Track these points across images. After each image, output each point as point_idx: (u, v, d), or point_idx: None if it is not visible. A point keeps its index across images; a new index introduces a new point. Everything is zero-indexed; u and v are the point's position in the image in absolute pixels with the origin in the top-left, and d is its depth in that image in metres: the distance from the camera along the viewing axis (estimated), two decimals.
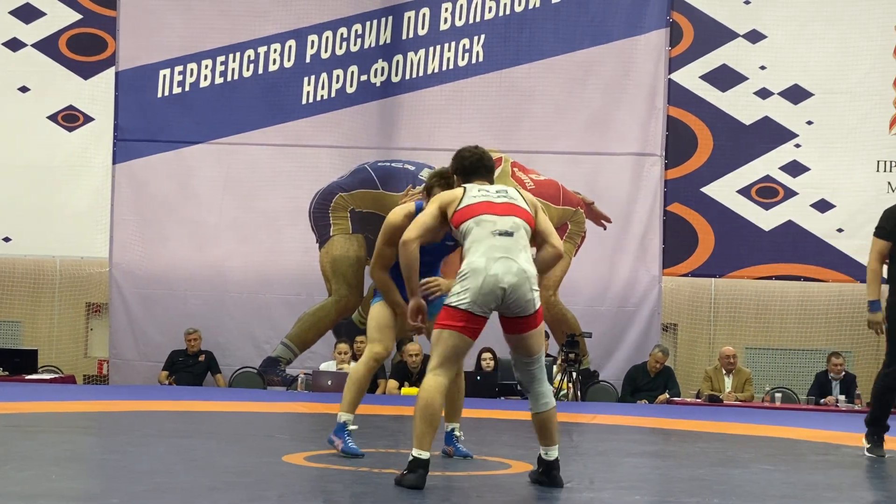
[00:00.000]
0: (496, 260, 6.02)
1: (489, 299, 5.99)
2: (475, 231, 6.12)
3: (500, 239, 6.10)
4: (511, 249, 6.08)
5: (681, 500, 5.89)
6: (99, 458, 7.07)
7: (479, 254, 6.05)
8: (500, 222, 6.14)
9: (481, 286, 5.97)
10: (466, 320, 6.00)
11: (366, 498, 5.64)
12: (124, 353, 15.27)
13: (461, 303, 6.00)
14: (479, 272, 5.99)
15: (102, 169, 15.46)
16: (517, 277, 6.02)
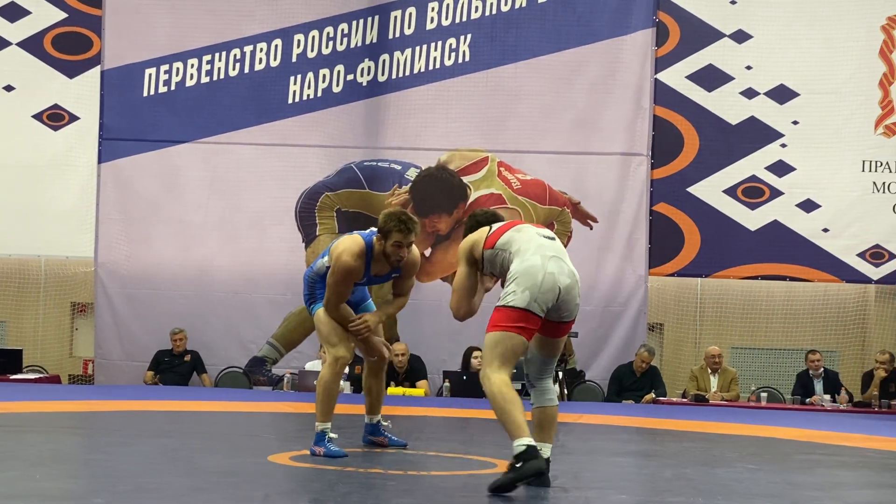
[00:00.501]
0: (549, 258, 5.96)
1: (549, 297, 5.90)
2: (518, 237, 6.09)
3: (546, 240, 6.08)
4: (559, 251, 6.07)
5: (666, 500, 5.90)
6: (83, 457, 7.05)
7: (531, 253, 5.98)
8: (539, 230, 6.18)
9: (542, 283, 5.88)
10: (525, 320, 5.89)
11: (351, 497, 5.63)
12: (110, 353, 15.24)
13: (519, 301, 5.88)
14: (537, 269, 5.90)
15: (88, 168, 15.42)
16: (570, 279, 5.99)
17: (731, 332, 15.50)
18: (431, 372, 14.51)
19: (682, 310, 15.66)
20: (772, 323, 15.51)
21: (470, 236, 6.37)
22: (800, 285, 15.41)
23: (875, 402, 13.95)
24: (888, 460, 8.47)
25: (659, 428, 10.51)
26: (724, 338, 15.40)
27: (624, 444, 9.28)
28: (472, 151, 15.24)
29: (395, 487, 5.94)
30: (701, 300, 15.63)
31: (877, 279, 15.24)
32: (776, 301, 15.50)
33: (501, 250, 6.13)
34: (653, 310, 15.43)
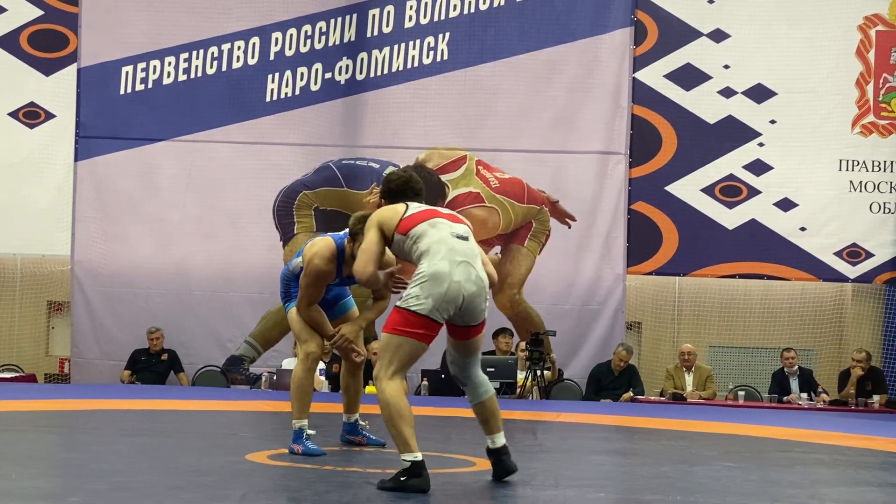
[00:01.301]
0: (458, 264, 5.92)
1: (451, 306, 5.89)
2: (431, 233, 6.00)
3: (458, 242, 6.00)
4: (469, 254, 6.00)
5: (644, 498, 5.90)
6: (60, 456, 7.02)
7: (441, 257, 5.92)
8: (455, 227, 6.08)
9: (446, 292, 5.86)
10: (426, 327, 5.88)
11: (329, 496, 5.62)
12: (86, 352, 15.18)
13: (422, 308, 5.86)
14: (444, 277, 5.86)
15: (64, 166, 15.35)
16: (476, 287, 5.96)
17: (709, 330, 15.54)
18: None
19: (659, 309, 15.69)
20: (749, 322, 15.55)
21: (384, 212, 6.17)
22: (777, 284, 15.45)
23: (852, 401, 14.00)
24: (865, 458, 8.50)
25: (637, 426, 10.52)
26: (702, 336, 15.43)
27: (602, 442, 9.28)
28: (450, 150, 15.23)
29: (373, 486, 5.92)
30: (679, 299, 15.66)
31: (854, 278, 15.29)
32: (754, 300, 15.54)
33: (412, 240, 6.02)
34: (631, 309, 15.45)
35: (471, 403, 6.26)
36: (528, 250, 15.21)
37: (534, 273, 15.17)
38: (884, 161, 15.32)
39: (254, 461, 6.70)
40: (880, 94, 15.33)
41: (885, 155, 15.32)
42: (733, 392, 14.31)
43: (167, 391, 13.74)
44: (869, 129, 15.33)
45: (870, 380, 14.26)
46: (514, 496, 5.80)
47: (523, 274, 15.17)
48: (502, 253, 15.24)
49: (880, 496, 6.45)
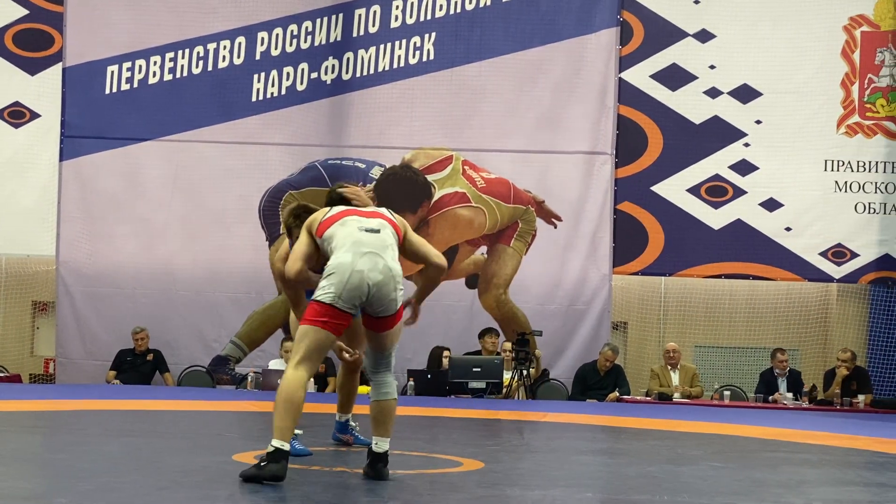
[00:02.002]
0: (362, 255, 6.04)
1: (354, 295, 5.98)
2: (339, 231, 6.15)
3: (366, 235, 6.13)
4: (377, 246, 6.11)
5: (631, 498, 5.90)
6: (45, 457, 6.99)
7: (345, 249, 6.07)
8: (365, 221, 6.22)
9: (347, 281, 5.97)
10: (331, 315, 5.98)
11: (316, 496, 5.61)
12: (71, 352, 15.14)
13: (325, 297, 5.98)
14: (346, 267, 5.99)
15: (49, 166, 15.30)
16: (382, 275, 6.04)
17: (695, 330, 15.56)
18: (395, 371, 14.45)
19: (645, 308, 15.71)
20: (735, 321, 15.57)
21: (315, 214, 6.40)
22: (763, 284, 15.48)
23: (837, 400, 14.03)
24: (851, 457, 8.52)
25: (623, 426, 10.53)
26: (688, 336, 15.46)
27: (588, 442, 9.29)
28: (436, 150, 15.23)
29: (360, 486, 5.92)
30: (665, 299, 15.68)
31: (839, 278, 15.33)
32: (739, 300, 15.56)
33: (326, 242, 6.20)
34: (616, 308, 15.47)
35: (370, 399, 6.29)
36: (514, 250, 15.21)
37: (520, 273, 15.18)
38: (869, 161, 15.36)
39: (240, 461, 6.68)
40: (865, 94, 15.37)
41: (870, 155, 15.36)
42: (719, 392, 14.33)
43: (153, 391, 13.71)
44: (854, 130, 15.37)
45: (855, 379, 14.30)
46: (501, 496, 5.80)
47: (509, 274, 15.18)
48: (488, 253, 15.24)
49: (866, 495, 6.47)
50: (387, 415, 6.22)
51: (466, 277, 15.22)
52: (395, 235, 6.26)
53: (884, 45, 15.45)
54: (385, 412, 6.23)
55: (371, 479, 6.08)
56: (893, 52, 15.42)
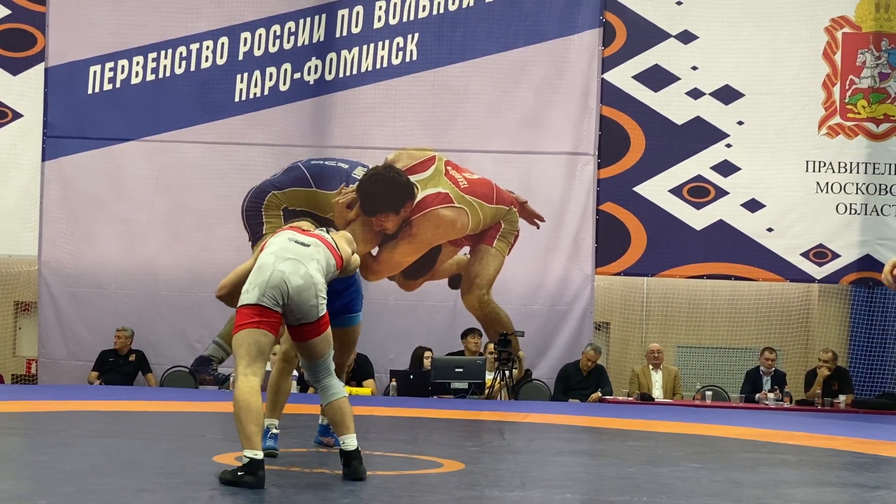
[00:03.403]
0: (284, 259, 6.17)
1: (276, 293, 6.07)
2: (272, 241, 6.34)
3: (293, 245, 6.28)
4: (302, 256, 6.24)
5: (610, 499, 5.93)
6: (26, 458, 6.99)
7: (269, 253, 6.23)
8: (298, 236, 6.37)
9: (269, 279, 6.08)
10: (260, 314, 6.06)
11: (297, 497, 5.62)
12: (53, 353, 15.11)
13: (249, 298, 6.08)
14: (267, 267, 6.13)
15: (31, 166, 15.27)
16: (304, 280, 6.14)
17: (677, 330, 15.60)
18: (378, 371, 14.50)
19: (628, 309, 15.74)
20: (717, 322, 15.62)
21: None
22: (744, 284, 15.53)
23: (818, 401, 14.09)
24: (830, 458, 8.57)
25: (604, 427, 10.56)
26: (670, 337, 15.50)
27: (569, 443, 9.31)
28: (419, 150, 15.24)
29: (341, 487, 5.94)
30: (647, 299, 15.72)
31: (820, 278, 15.38)
32: (721, 300, 15.61)
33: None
34: (599, 309, 15.50)
35: (321, 405, 6.32)
36: (496, 251, 15.23)
37: (502, 273, 15.20)
38: (850, 162, 15.41)
39: (222, 463, 6.69)
40: (847, 95, 15.43)
41: (852, 156, 15.42)
42: (700, 392, 14.37)
43: (135, 392, 13.70)
44: (835, 131, 15.43)
45: (836, 380, 14.36)
46: (480, 497, 5.82)
47: (492, 274, 15.20)
48: (471, 253, 15.26)
49: (844, 496, 6.51)
50: (342, 413, 6.27)
51: (449, 278, 15.24)
52: (327, 257, 6.38)
53: (865, 47, 15.51)
54: (340, 411, 6.28)
55: (351, 480, 6.09)
56: (875, 53, 15.49)
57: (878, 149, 15.47)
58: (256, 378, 6.03)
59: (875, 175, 15.43)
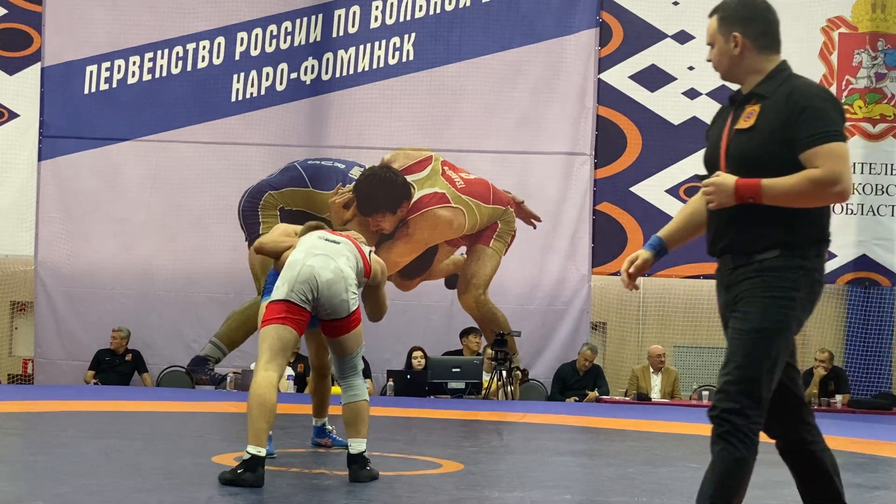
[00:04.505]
0: (314, 255, 6.21)
1: (305, 288, 6.09)
2: (302, 240, 6.42)
3: (323, 242, 6.33)
4: (333, 252, 6.28)
5: (609, 499, 5.93)
6: (24, 459, 6.98)
7: (299, 250, 6.29)
8: (327, 234, 6.45)
9: (298, 275, 6.11)
10: (287, 311, 6.08)
11: (295, 498, 5.62)
12: (50, 353, 15.09)
13: (279, 294, 6.11)
14: (297, 263, 6.16)
15: (28, 166, 15.25)
16: (334, 274, 6.16)
17: (674, 330, 15.59)
18: (375, 371, 14.49)
19: (624, 309, 15.74)
20: (714, 322, 15.41)
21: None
22: None
23: (815, 401, 14.09)
24: None
25: (602, 427, 10.56)
26: (667, 337, 15.49)
27: (567, 443, 9.31)
28: (416, 150, 15.24)
29: (339, 488, 5.93)
30: (644, 299, 15.71)
31: None
32: None
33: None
34: (596, 309, 15.49)
35: (341, 403, 6.34)
36: (493, 251, 15.23)
37: (499, 273, 15.19)
38: None
39: (220, 463, 6.68)
40: (843, 96, 15.43)
41: None
42: (697, 392, 14.38)
43: (132, 392, 13.69)
44: None
45: (832, 380, 14.36)
46: (481, 498, 5.82)
47: (488, 274, 15.19)
48: (468, 253, 15.25)
49: None
50: (358, 416, 6.25)
51: (446, 278, 15.23)
52: (357, 257, 6.39)
53: (861, 47, 15.52)
54: (356, 414, 6.26)
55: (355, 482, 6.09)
56: (871, 53, 15.50)
57: (874, 149, 15.48)
58: (275, 374, 6.02)
59: (871, 175, 15.44)
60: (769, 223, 4.01)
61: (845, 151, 3.99)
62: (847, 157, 4.00)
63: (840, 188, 3.97)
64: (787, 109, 4.02)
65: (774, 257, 4.01)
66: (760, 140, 4.02)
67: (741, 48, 4.11)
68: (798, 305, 4.01)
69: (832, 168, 3.94)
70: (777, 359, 3.99)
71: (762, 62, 4.21)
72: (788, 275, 3.99)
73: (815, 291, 4.07)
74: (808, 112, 3.99)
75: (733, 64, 4.16)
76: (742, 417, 3.96)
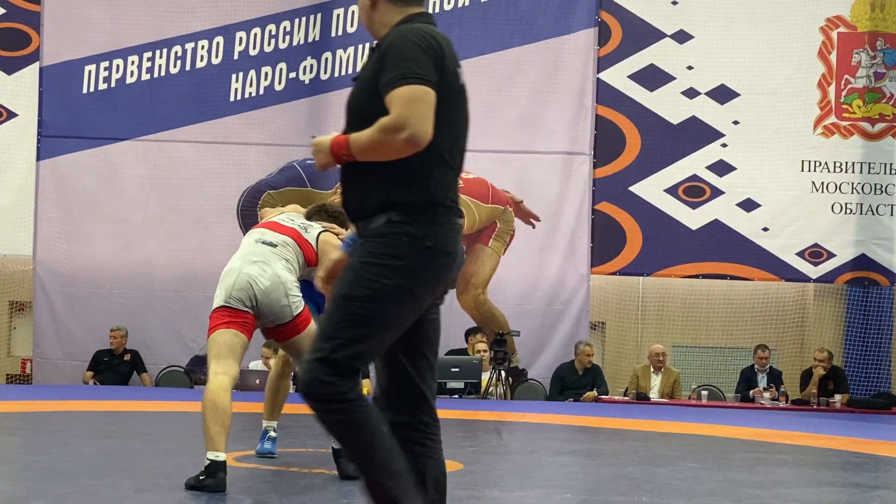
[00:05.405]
0: (251, 263, 6.23)
1: (243, 296, 6.12)
2: (243, 241, 6.46)
3: (260, 246, 6.34)
4: (269, 257, 6.28)
5: (609, 499, 5.92)
6: (23, 459, 6.97)
7: (236, 257, 6.33)
8: (268, 235, 6.41)
9: (234, 282, 6.15)
10: (229, 315, 6.10)
11: (295, 497, 5.61)
12: (48, 353, 15.08)
13: (217, 301, 6.16)
14: (233, 272, 6.20)
15: (26, 165, 15.24)
16: (271, 281, 6.17)
17: (673, 330, 15.59)
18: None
19: (623, 308, 15.74)
20: (712, 321, 15.61)
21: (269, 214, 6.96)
22: (740, 284, 15.53)
23: (814, 400, 14.09)
24: (827, 458, 8.57)
25: (601, 427, 10.55)
26: (666, 336, 15.48)
27: (567, 443, 9.31)
28: None
29: (339, 488, 5.93)
30: (643, 299, 15.71)
31: (815, 278, 15.39)
32: (717, 299, 15.60)
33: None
34: (595, 309, 15.49)
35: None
36: (492, 250, 15.22)
37: (498, 273, 15.18)
38: (845, 162, 15.42)
39: None
40: (842, 95, 15.44)
41: (847, 156, 15.43)
42: (696, 391, 14.37)
43: (130, 392, 13.68)
44: (830, 131, 15.44)
45: (831, 379, 14.36)
46: (481, 497, 5.81)
47: (487, 274, 15.18)
48: (467, 253, 15.21)
49: (843, 496, 6.50)
50: None
51: None
52: (297, 254, 6.38)
53: (860, 46, 15.52)
54: None
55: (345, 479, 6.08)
56: (870, 53, 15.50)
57: (873, 148, 15.48)
58: (226, 377, 5.98)
59: (870, 175, 15.44)
60: (375, 185, 3.74)
61: (419, 94, 3.63)
62: (420, 101, 3.63)
63: (407, 134, 3.60)
64: (380, 56, 3.75)
65: (382, 224, 3.71)
66: (362, 91, 3.79)
67: (374, 2, 3.91)
68: (396, 274, 3.67)
69: (398, 112, 3.60)
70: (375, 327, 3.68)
71: (394, 15, 3.86)
72: (390, 241, 3.69)
73: (426, 260, 3.71)
74: (389, 55, 3.70)
75: (369, 18, 3.89)
76: (328, 386, 3.66)
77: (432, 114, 3.67)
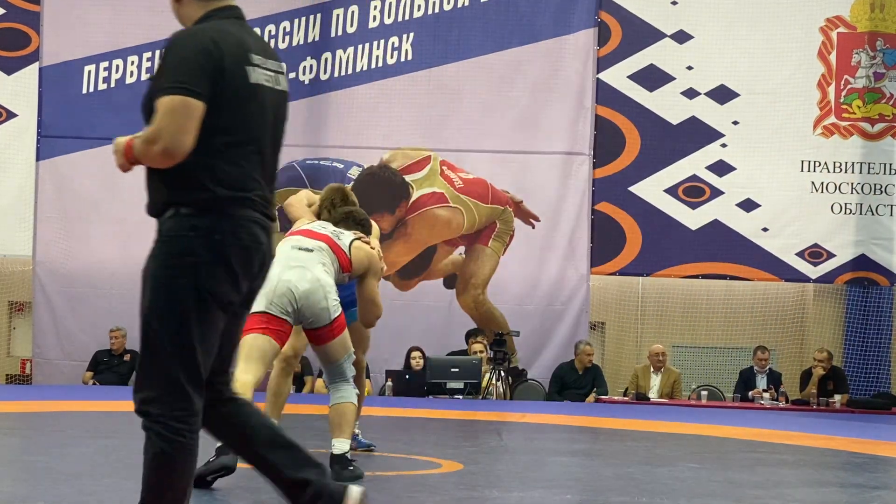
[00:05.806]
0: (291, 268, 6.24)
1: (284, 301, 6.14)
2: (278, 249, 6.32)
3: (298, 252, 6.36)
4: (307, 261, 6.31)
5: (609, 499, 5.92)
6: (23, 460, 6.97)
7: (276, 263, 6.20)
8: (304, 241, 6.45)
9: (275, 288, 6.14)
10: (267, 321, 6.12)
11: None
12: (48, 353, 15.08)
13: (258, 307, 6.10)
14: (274, 278, 6.14)
15: (26, 166, 15.24)
16: (311, 284, 6.20)
17: (672, 330, 15.59)
18: (374, 371, 14.46)
19: (623, 309, 15.74)
20: (712, 322, 15.61)
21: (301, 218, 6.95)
22: (740, 284, 15.53)
23: (813, 400, 14.09)
24: (827, 458, 8.57)
25: (601, 427, 10.55)
26: (665, 336, 15.47)
27: (567, 443, 9.31)
28: (414, 150, 15.23)
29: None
30: (642, 299, 15.71)
31: (815, 278, 15.39)
32: (716, 300, 15.60)
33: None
34: (594, 309, 15.48)
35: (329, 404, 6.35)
36: (491, 250, 15.22)
37: (498, 273, 15.19)
38: (845, 162, 15.42)
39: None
40: (842, 95, 15.44)
41: (847, 156, 15.43)
42: (696, 392, 14.37)
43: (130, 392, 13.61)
44: (830, 131, 15.44)
45: (831, 379, 14.36)
46: (481, 498, 5.81)
47: (487, 274, 15.18)
48: (466, 253, 15.25)
49: (843, 496, 6.50)
50: (343, 418, 6.28)
51: (444, 278, 15.23)
52: (332, 259, 6.40)
53: (860, 47, 15.52)
54: (341, 415, 6.28)
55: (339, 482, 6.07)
56: (870, 53, 15.50)
57: (872, 149, 15.48)
58: (251, 378, 6.01)
59: (870, 175, 15.44)
60: (164, 182, 3.75)
61: (176, 105, 3.59)
62: (178, 112, 3.58)
63: (160, 147, 3.60)
64: (161, 58, 3.77)
65: (167, 218, 3.75)
66: (149, 92, 3.76)
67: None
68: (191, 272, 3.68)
69: (155, 124, 3.58)
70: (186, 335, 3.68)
71: (197, 10, 3.90)
72: (179, 239, 3.73)
73: (222, 253, 3.70)
74: (164, 61, 3.71)
75: (176, 13, 3.91)
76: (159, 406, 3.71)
77: (193, 124, 3.61)
